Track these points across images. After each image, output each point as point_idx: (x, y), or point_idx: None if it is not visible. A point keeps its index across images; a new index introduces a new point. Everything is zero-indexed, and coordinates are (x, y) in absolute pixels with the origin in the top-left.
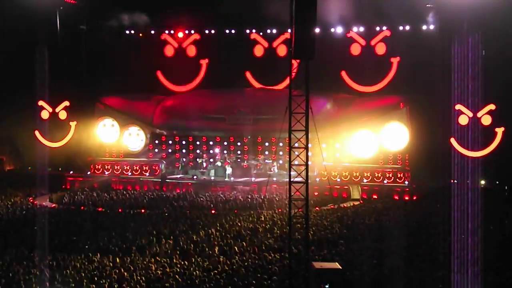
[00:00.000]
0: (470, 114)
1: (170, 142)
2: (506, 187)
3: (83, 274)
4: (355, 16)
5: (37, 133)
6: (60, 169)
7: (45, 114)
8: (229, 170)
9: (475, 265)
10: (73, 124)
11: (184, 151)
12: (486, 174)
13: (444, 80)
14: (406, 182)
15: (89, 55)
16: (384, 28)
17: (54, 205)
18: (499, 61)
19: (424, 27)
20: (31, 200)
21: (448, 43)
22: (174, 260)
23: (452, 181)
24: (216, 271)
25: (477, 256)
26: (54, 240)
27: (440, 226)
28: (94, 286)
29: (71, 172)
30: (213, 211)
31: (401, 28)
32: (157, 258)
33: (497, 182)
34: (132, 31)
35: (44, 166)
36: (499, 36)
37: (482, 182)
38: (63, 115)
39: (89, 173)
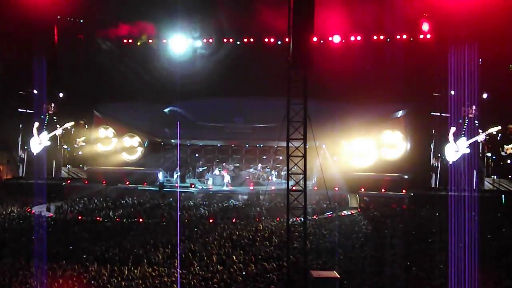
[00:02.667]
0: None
1: (168, 150)
2: (503, 195)
3: (80, 284)
4: (352, 25)
5: None
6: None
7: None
8: (227, 178)
9: (472, 274)
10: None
11: (182, 159)
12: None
13: (440, 88)
14: (404, 191)
15: (87, 64)
16: (381, 37)
17: (51, 214)
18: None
19: (421, 36)
20: (29, 210)
21: (445, 52)
22: (172, 269)
23: (449, 189)
24: (214, 280)
25: (475, 264)
26: (51, 249)
27: (438, 234)
28: None
29: (69, 181)
30: (211, 220)
31: (398, 37)
32: (155, 267)
33: None
34: (130, 40)
35: (42, 175)
36: (496, 45)
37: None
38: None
39: (86, 182)
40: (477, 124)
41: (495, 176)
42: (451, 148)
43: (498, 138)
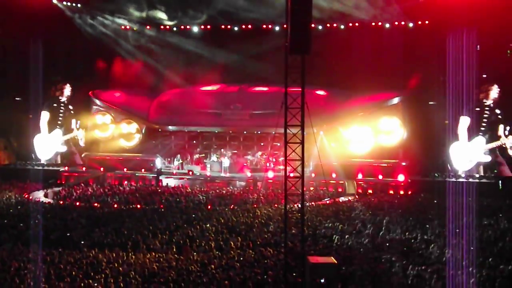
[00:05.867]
0: None
1: (166, 137)
2: (500, 181)
3: (78, 269)
4: (350, 11)
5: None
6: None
7: None
8: (226, 163)
9: (469, 259)
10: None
11: (179, 146)
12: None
13: (438, 74)
14: (401, 177)
15: (86, 49)
16: (380, 23)
17: (49, 200)
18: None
19: (419, 22)
20: (26, 196)
21: (443, 38)
22: (170, 255)
23: (446, 175)
24: (212, 266)
25: (471, 250)
26: (50, 235)
27: (435, 220)
28: (89, 281)
29: (66, 168)
30: (209, 206)
31: (396, 23)
32: (153, 253)
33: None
34: (128, 26)
35: (39, 161)
36: (494, 31)
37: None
38: None
39: (84, 168)
40: (499, 115)
41: None
42: (462, 150)
43: None
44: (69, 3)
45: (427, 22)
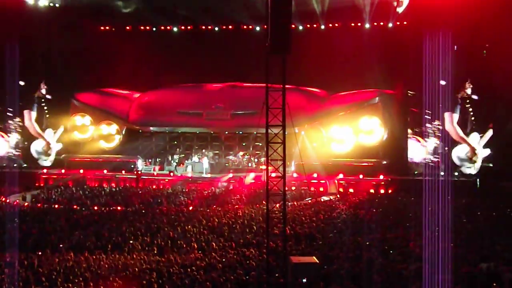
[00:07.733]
0: None
1: (146, 138)
2: (477, 180)
3: (57, 273)
4: (329, 11)
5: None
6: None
7: None
8: (206, 164)
9: (448, 257)
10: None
11: (160, 147)
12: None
13: (416, 75)
14: (382, 176)
15: (64, 51)
16: (359, 23)
17: (27, 203)
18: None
19: (398, 23)
20: (3, 199)
21: (421, 38)
22: (151, 257)
23: (425, 173)
24: (193, 267)
25: (449, 247)
26: (28, 238)
27: (414, 218)
28: (69, 285)
29: (45, 170)
30: (190, 207)
31: (375, 23)
32: (134, 255)
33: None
34: (107, 27)
35: (17, 163)
36: (470, 32)
37: (456, 173)
38: None
39: (63, 170)
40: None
41: None
42: (464, 152)
43: None
44: (46, 4)
45: (405, 23)
